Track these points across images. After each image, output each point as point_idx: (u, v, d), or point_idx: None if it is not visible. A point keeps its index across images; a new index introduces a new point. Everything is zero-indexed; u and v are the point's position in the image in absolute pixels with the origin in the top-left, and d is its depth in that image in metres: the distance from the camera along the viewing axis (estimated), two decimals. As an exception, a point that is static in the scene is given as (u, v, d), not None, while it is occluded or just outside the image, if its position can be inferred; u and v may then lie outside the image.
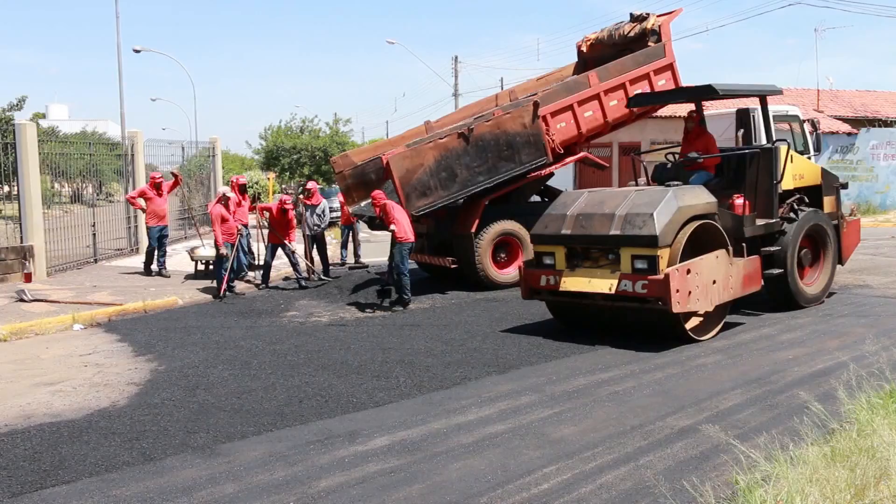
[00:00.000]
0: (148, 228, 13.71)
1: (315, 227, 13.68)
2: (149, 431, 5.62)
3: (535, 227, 8.64)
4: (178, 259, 14.58)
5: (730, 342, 8.00)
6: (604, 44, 13.98)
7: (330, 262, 14.19)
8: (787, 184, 9.44)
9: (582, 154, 13.10)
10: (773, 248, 9.27)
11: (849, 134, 25.09)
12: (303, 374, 7.16)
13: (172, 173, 15.17)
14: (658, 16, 13.57)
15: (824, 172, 10.20)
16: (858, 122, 26.03)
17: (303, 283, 12.78)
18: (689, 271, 7.57)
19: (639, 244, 7.64)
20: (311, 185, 14.61)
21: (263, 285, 12.80)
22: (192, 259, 13.86)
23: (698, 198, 8.24)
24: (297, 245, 13.20)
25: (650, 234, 7.53)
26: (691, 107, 11.01)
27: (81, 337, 9.40)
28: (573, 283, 8.11)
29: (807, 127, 16.54)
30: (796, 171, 9.68)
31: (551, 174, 12.89)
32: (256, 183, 33.93)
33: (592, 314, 8.64)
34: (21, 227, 13.45)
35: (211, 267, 13.23)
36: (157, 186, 13.83)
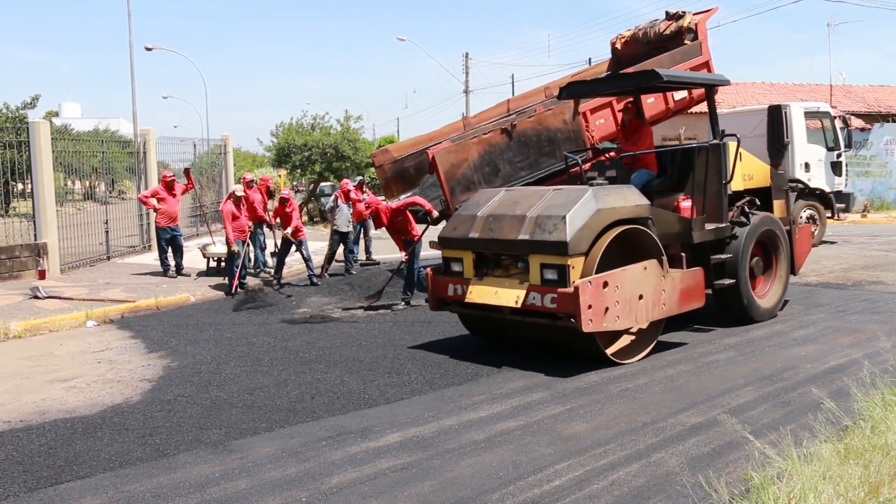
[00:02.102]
0: (158, 229, 13.73)
1: (349, 223, 14.06)
2: (162, 427, 5.66)
3: (444, 229, 7.76)
4: (190, 256, 14.65)
5: (742, 339, 7.96)
6: (638, 41, 14.04)
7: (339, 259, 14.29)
8: (736, 185, 8.53)
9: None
10: (723, 256, 8.27)
11: (862, 129, 24.92)
12: (314, 371, 7.18)
13: (185, 170, 15.23)
14: (694, 14, 13.63)
15: (774, 173, 9.32)
16: (871, 118, 25.86)
17: (314, 280, 12.82)
18: (605, 284, 6.60)
19: (548, 251, 6.68)
20: (349, 183, 14.99)
21: (276, 282, 12.84)
22: (204, 256, 13.92)
23: (625, 199, 7.20)
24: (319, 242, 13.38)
25: (559, 239, 6.57)
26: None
27: (95, 334, 9.46)
28: (479, 293, 7.17)
29: (838, 123, 16.64)
30: (746, 171, 8.79)
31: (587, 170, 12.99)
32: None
33: (512, 330, 7.64)
34: (35, 225, 13.55)
35: (223, 264, 13.30)
36: (169, 186, 13.87)
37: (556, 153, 11.77)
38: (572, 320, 6.52)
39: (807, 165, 16.29)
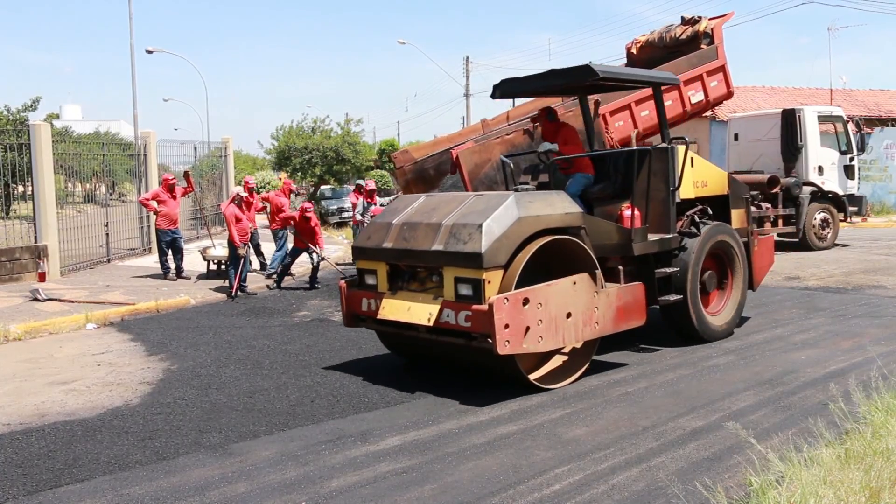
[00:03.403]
0: (158, 232, 13.73)
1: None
2: (161, 430, 5.65)
3: (358, 238, 7.02)
4: (190, 259, 14.65)
5: (742, 343, 7.95)
6: (654, 46, 14.16)
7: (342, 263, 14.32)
8: (686, 192, 7.84)
9: None
10: (669, 270, 7.58)
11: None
12: (314, 374, 7.17)
13: (185, 173, 15.23)
14: (710, 19, 13.72)
15: (732, 181, 8.61)
16: (872, 122, 25.86)
17: (316, 284, 12.83)
18: (526, 301, 5.94)
19: (462, 263, 6.03)
20: (371, 183, 15.14)
21: (275, 286, 12.85)
22: (205, 259, 13.92)
23: (552, 206, 6.53)
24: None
25: (474, 251, 5.92)
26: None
27: (94, 336, 9.46)
28: (392, 309, 6.52)
29: (850, 127, 16.81)
30: (698, 178, 8.07)
31: None
32: (268, 183, 34.07)
33: (427, 350, 7.01)
34: (35, 227, 13.56)
35: (223, 267, 13.30)
36: (170, 188, 13.88)
37: None
38: (489, 340, 5.85)
39: (820, 169, 16.43)
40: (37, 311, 10.54)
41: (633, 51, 14.55)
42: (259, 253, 14.26)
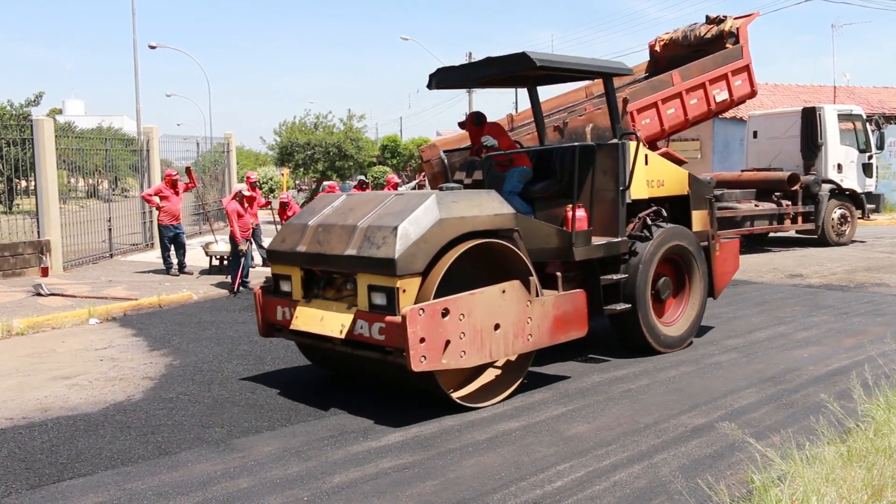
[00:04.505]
0: (161, 227, 13.73)
1: None
2: (164, 425, 5.66)
3: (272, 241, 6.61)
4: (193, 255, 14.66)
5: (744, 340, 7.95)
6: (678, 44, 14.22)
7: None
8: (639, 192, 7.26)
9: (663, 150, 13.28)
10: (616, 277, 7.02)
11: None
12: (316, 370, 7.17)
13: (186, 169, 15.25)
14: (735, 18, 13.78)
15: (694, 180, 7.97)
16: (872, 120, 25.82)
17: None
18: (446, 312, 5.38)
19: (376, 270, 5.48)
20: (394, 178, 15.15)
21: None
22: (207, 254, 13.93)
23: (480, 207, 5.92)
24: None
25: (387, 256, 5.37)
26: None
27: (97, 331, 9.47)
28: (305, 319, 5.99)
29: (870, 126, 17.02)
30: (653, 176, 7.47)
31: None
32: (271, 179, 34.10)
33: (342, 362, 6.52)
34: (38, 222, 13.57)
35: (225, 262, 13.31)
36: (172, 184, 13.88)
37: None
38: (404, 355, 5.31)
39: (839, 167, 16.64)
40: (40, 305, 10.56)
41: (657, 48, 14.62)
42: (262, 247, 14.24)
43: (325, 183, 15.26)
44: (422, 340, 5.24)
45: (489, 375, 6.20)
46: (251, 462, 4.87)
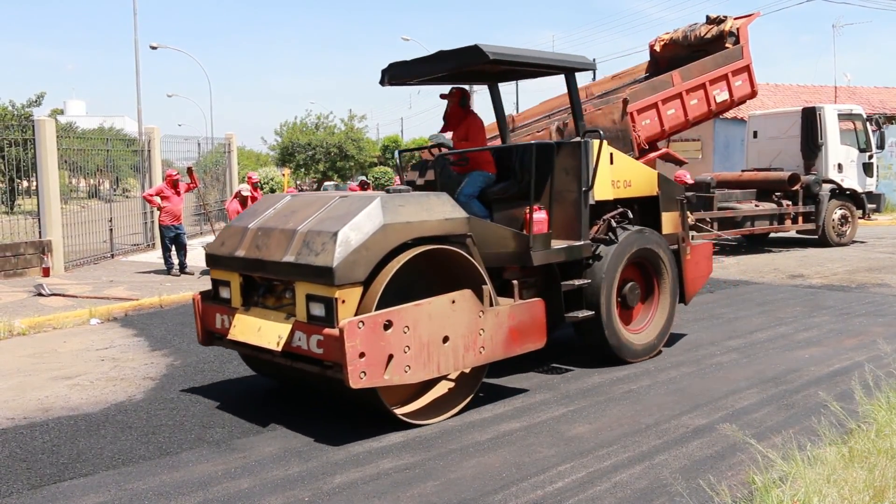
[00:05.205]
0: (162, 227, 13.73)
1: None
2: (165, 426, 5.66)
3: (212, 244, 6.26)
4: (194, 255, 14.66)
5: (745, 341, 7.94)
6: (678, 44, 14.23)
7: None
8: (603, 193, 6.92)
9: (664, 150, 13.29)
10: (579, 282, 6.66)
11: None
12: (317, 370, 7.17)
13: (188, 169, 15.26)
14: (735, 18, 13.80)
15: (663, 180, 7.61)
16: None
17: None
18: (388, 324, 5.03)
19: (313, 279, 5.11)
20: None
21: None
22: (208, 255, 13.91)
23: (430, 211, 5.55)
24: None
25: (325, 264, 5.00)
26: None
27: (98, 331, 9.47)
28: (242, 328, 5.64)
29: (870, 126, 17.06)
30: (619, 176, 7.12)
31: None
32: (272, 179, 34.13)
33: (283, 374, 6.23)
34: (39, 222, 13.60)
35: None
36: (174, 184, 13.89)
37: None
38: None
39: (840, 166, 16.66)
40: (41, 306, 10.57)
41: (657, 48, 14.63)
42: None
43: (350, 182, 15.30)
44: (361, 355, 4.90)
45: (442, 388, 5.88)
46: (252, 462, 4.88)
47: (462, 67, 6.73)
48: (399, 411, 5.48)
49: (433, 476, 4.59)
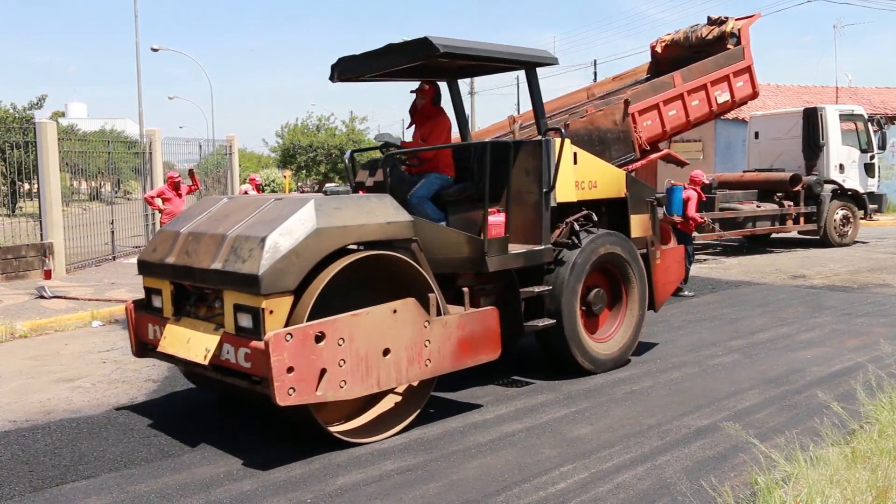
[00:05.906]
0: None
1: None
2: (166, 428, 5.65)
3: (143, 250, 5.89)
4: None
5: (748, 341, 7.94)
6: (679, 45, 14.26)
7: None
8: (566, 194, 6.56)
9: (665, 151, 13.29)
10: (539, 289, 6.30)
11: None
12: (319, 372, 7.17)
13: (189, 171, 15.27)
14: (737, 19, 13.83)
15: (632, 181, 7.25)
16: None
17: None
18: (320, 336, 4.70)
19: (240, 288, 4.80)
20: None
21: None
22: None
23: (370, 214, 5.20)
24: None
25: (250, 272, 4.68)
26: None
27: (100, 334, 9.47)
28: (172, 340, 5.31)
29: (871, 126, 17.09)
30: (583, 177, 6.75)
31: (634, 170, 13.15)
32: (273, 181, 34.15)
33: (217, 388, 5.99)
34: (41, 225, 13.60)
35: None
36: (175, 186, 13.89)
37: (606, 152, 11.89)
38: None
39: (841, 167, 16.69)
40: (43, 308, 10.57)
41: (658, 49, 14.66)
42: None
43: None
44: (290, 370, 4.55)
45: (388, 403, 5.55)
46: (254, 464, 4.87)
47: (413, 61, 6.23)
48: (337, 429, 5.16)
49: (436, 477, 4.59)
